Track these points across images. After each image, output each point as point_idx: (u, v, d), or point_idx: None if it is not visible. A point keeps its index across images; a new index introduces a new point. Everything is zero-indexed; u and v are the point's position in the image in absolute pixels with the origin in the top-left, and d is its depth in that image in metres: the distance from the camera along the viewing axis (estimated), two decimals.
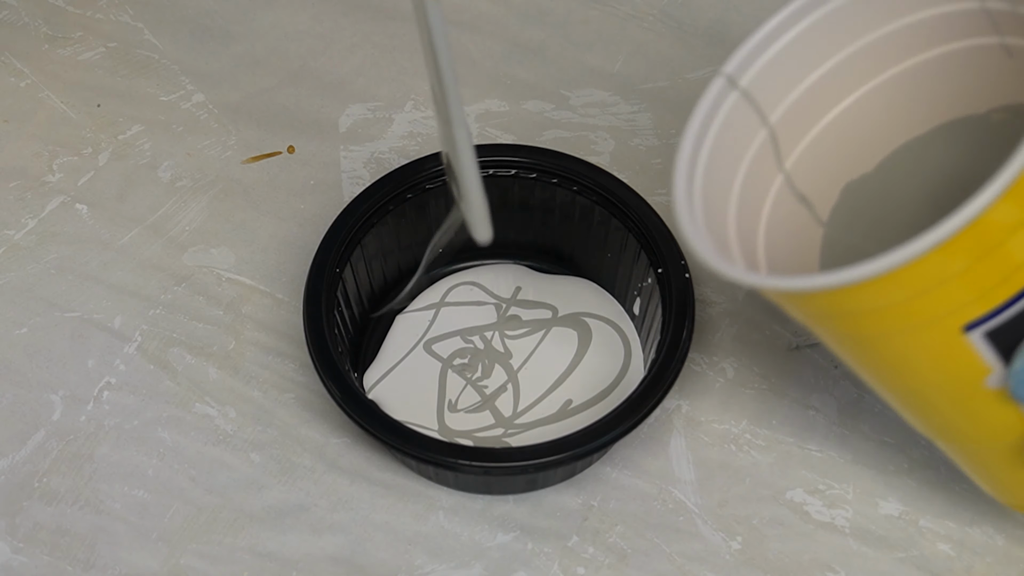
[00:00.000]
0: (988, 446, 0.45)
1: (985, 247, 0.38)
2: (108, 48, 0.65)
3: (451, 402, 0.54)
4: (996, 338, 0.40)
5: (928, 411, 0.45)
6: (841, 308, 0.41)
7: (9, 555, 0.51)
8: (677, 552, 0.51)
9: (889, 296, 0.39)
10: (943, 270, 0.38)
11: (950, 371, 0.42)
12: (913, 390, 0.44)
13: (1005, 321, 0.40)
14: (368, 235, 0.54)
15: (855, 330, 0.42)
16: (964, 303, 0.39)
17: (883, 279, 0.38)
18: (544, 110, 0.63)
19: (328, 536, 0.52)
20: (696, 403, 0.55)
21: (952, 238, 0.37)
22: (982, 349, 0.40)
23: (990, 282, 0.39)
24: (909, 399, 0.45)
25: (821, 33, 0.46)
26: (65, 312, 0.57)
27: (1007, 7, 0.43)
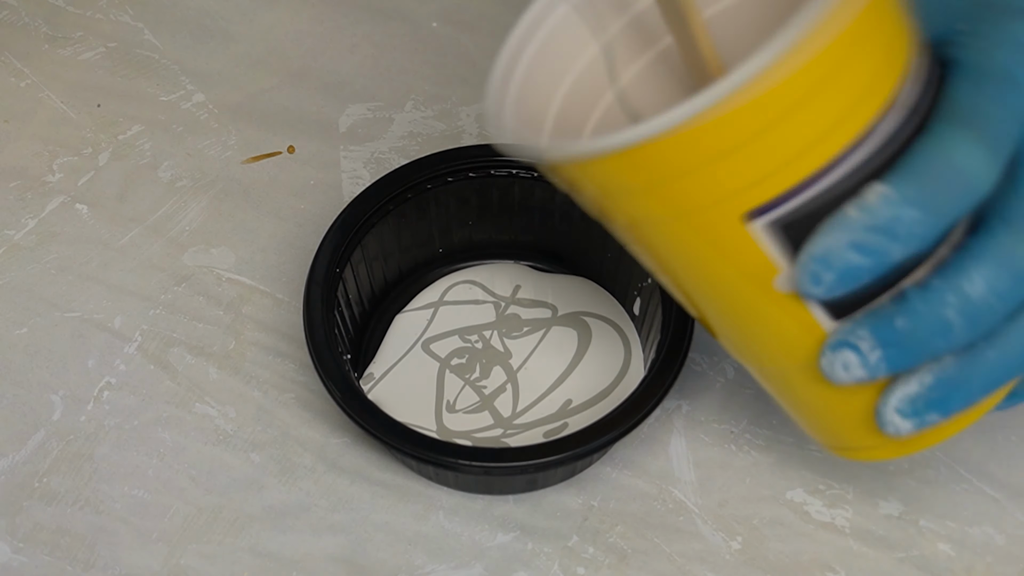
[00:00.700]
0: (788, 363, 0.42)
1: (763, 121, 0.36)
2: (108, 48, 0.65)
3: (449, 402, 0.54)
4: (785, 231, 0.38)
5: (722, 322, 0.42)
6: (606, 183, 0.38)
7: (9, 555, 0.51)
8: (677, 552, 0.51)
9: (652, 172, 0.37)
10: (713, 144, 0.36)
11: (732, 269, 0.39)
12: (701, 292, 0.41)
13: (793, 210, 0.38)
14: (368, 235, 0.54)
15: (624, 211, 0.39)
16: (743, 187, 0.37)
17: (643, 150, 0.36)
18: None
19: (328, 536, 0.52)
20: (696, 403, 0.55)
21: (720, 104, 0.35)
22: (768, 243, 0.38)
23: (771, 165, 0.37)
24: (703, 310, 0.42)
25: None
26: (65, 312, 0.57)
27: None
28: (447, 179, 0.55)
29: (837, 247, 0.38)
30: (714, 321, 0.43)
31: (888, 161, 0.38)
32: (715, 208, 0.38)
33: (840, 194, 0.38)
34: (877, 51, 0.38)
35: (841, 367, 0.41)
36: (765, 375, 0.45)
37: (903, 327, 0.40)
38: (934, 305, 0.40)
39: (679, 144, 0.36)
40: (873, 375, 0.41)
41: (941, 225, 0.39)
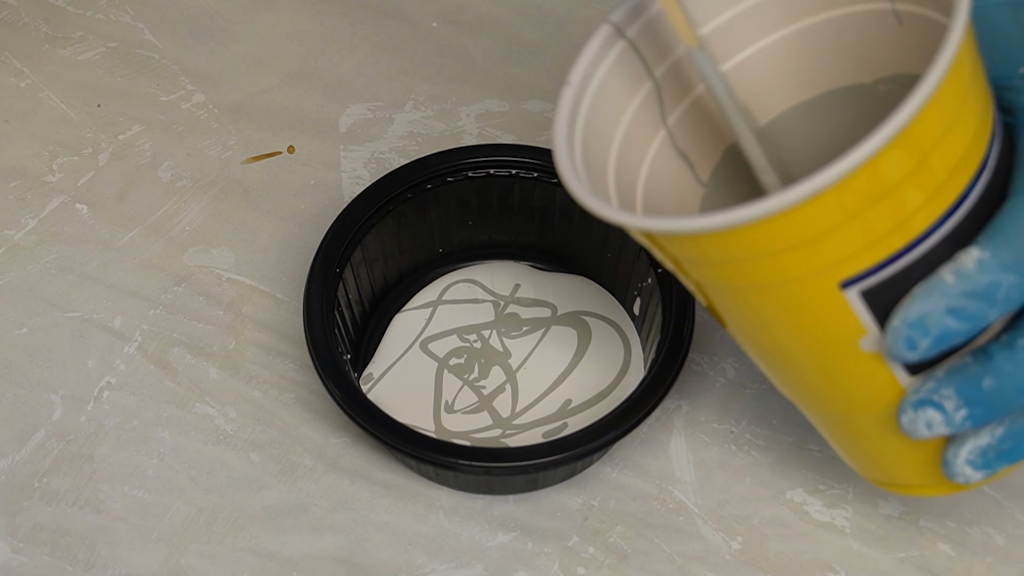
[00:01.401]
0: (860, 414, 0.43)
1: (865, 201, 0.37)
2: (108, 48, 0.65)
3: (448, 403, 0.54)
4: (873, 297, 0.39)
5: (798, 373, 0.43)
6: (712, 256, 0.39)
7: (9, 555, 0.51)
8: (677, 552, 0.51)
9: (762, 246, 0.38)
10: (820, 222, 0.37)
11: (823, 330, 0.40)
12: (783, 349, 0.42)
13: (883, 280, 0.39)
14: (368, 235, 0.54)
15: (725, 280, 0.40)
16: (841, 259, 0.38)
17: (758, 226, 0.37)
18: (544, 110, 0.63)
19: (328, 536, 0.52)
20: (696, 403, 0.55)
21: (832, 188, 0.36)
22: (858, 308, 0.39)
23: (868, 238, 0.38)
24: (778, 360, 0.43)
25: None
26: (65, 312, 0.57)
27: None
28: (447, 179, 0.55)
29: (934, 313, 0.39)
30: (782, 371, 0.44)
31: (977, 223, 0.39)
32: (811, 278, 0.39)
33: (933, 259, 0.39)
34: (972, 119, 0.39)
35: (924, 425, 0.41)
36: (826, 420, 0.46)
37: (990, 387, 0.40)
38: (1021, 365, 0.40)
39: (787, 223, 0.37)
40: (956, 432, 0.42)
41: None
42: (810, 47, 0.46)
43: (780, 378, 0.45)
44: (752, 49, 0.47)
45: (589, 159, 0.44)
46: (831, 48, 0.46)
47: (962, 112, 0.38)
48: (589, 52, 0.45)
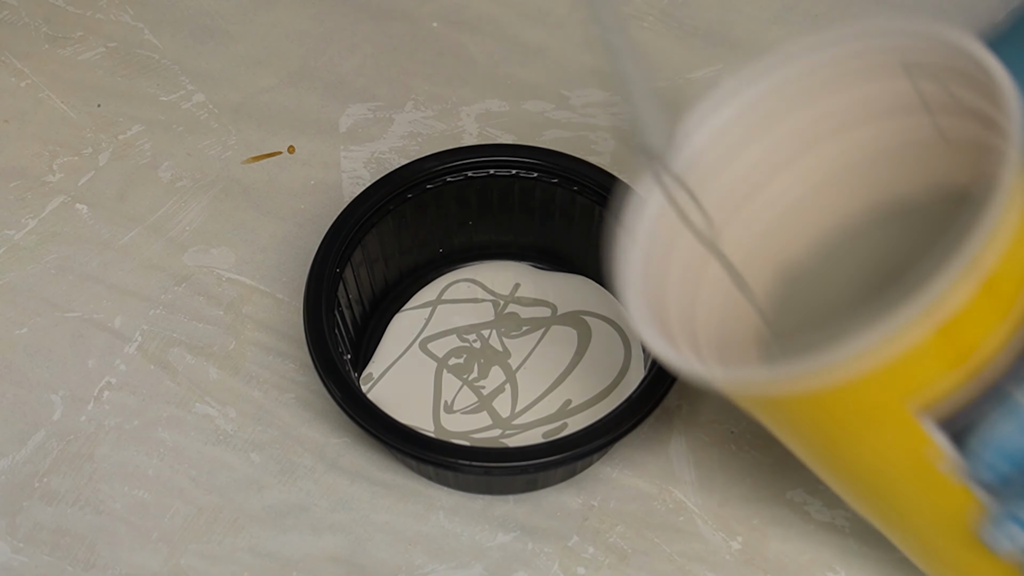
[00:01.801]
0: (940, 531, 0.44)
1: (940, 332, 0.37)
2: (108, 48, 0.65)
3: (447, 403, 0.54)
4: (949, 423, 0.40)
5: (875, 497, 0.44)
6: (791, 397, 0.40)
7: (9, 555, 0.51)
8: (677, 552, 0.51)
9: (841, 382, 0.39)
10: (897, 358, 0.38)
11: (901, 456, 0.41)
12: (859, 475, 0.43)
13: (958, 406, 0.39)
14: (368, 235, 0.54)
15: (803, 419, 0.41)
16: (917, 388, 0.39)
17: (838, 367, 0.38)
18: (544, 110, 0.63)
19: (328, 536, 0.52)
20: (696, 403, 0.55)
21: (908, 327, 0.37)
22: (935, 434, 0.40)
23: (943, 368, 0.39)
24: (854, 484, 0.44)
25: (750, 115, 0.46)
26: (65, 312, 0.57)
27: (938, 88, 0.43)
28: (447, 179, 0.55)
29: (1012, 436, 0.40)
30: (859, 495, 0.45)
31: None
32: (887, 408, 0.40)
33: (1008, 382, 0.39)
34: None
35: (1007, 540, 0.42)
36: (907, 539, 0.46)
37: None
38: None
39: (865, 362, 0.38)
40: None
41: None
42: (855, 167, 0.47)
43: (857, 501, 0.45)
44: (797, 171, 0.47)
45: (651, 301, 0.44)
46: (876, 167, 0.46)
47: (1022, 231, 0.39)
48: (639, 193, 0.45)
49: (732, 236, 0.47)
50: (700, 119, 0.46)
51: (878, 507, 0.45)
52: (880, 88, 0.44)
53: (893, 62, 0.43)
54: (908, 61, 0.43)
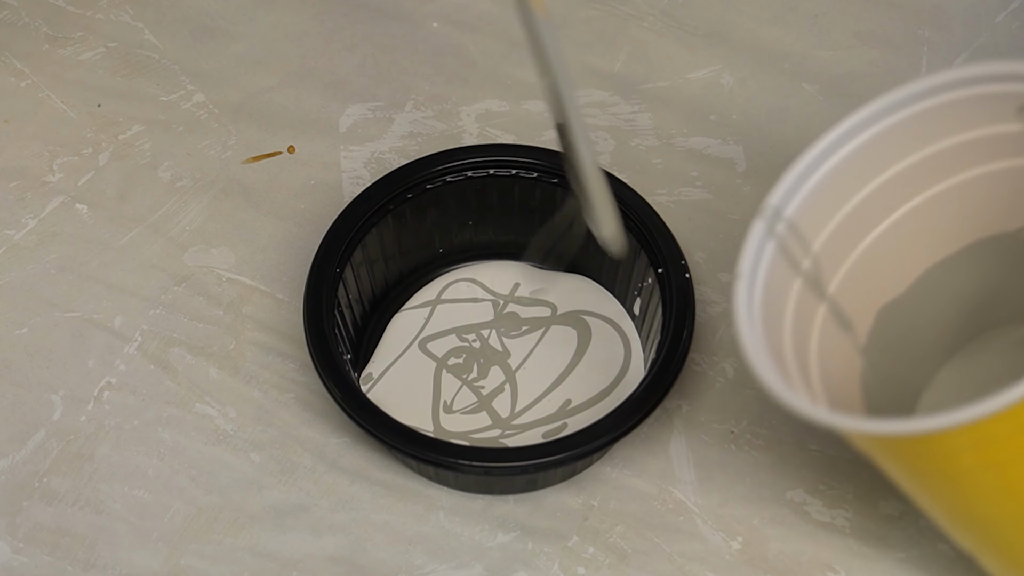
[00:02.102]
0: None
1: None
2: (108, 48, 0.65)
3: (446, 403, 0.54)
4: None
5: (995, 537, 0.44)
6: (937, 448, 0.40)
7: (9, 555, 0.51)
8: (677, 552, 0.51)
9: (982, 436, 0.39)
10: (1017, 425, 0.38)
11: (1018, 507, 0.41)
12: (983, 520, 0.43)
13: None
14: (368, 235, 0.54)
15: (945, 467, 0.41)
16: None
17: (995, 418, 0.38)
18: (544, 110, 0.63)
19: (328, 536, 0.52)
20: (696, 403, 0.55)
21: None
22: None
23: None
24: (975, 527, 0.44)
25: (862, 158, 0.46)
26: (65, 312, 0.57)
27: None
28: (447, 179, 0.55)
29: None
30: (973, 537, 0.45)
31: None
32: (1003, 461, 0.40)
33: None
34: None
35: None
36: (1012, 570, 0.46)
37: None
38: None
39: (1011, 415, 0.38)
40: None
41: None
42: (956, 203, 0.47)
43: (972, 541, 0.45)
44: (902, 210, 0.48)
45: (770, 350, 0.44)
46: (976, 202, 0.47)
47: None
48: (754, 240, 0.45)
49: (838, 278, 0.48)
50: (813, 163, 0.46)
51: (993, 550, 0.45)
52: (992, 130, 0.45)
53: (1007, 105, 0.44)
54: (1023, 104, 0.43)
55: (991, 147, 0.45)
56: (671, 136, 0.62)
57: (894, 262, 0.48)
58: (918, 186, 0.47)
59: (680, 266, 0.53)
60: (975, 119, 0.45)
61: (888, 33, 0.64)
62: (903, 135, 0.46)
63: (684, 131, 0.62)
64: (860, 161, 0.46)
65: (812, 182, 0.46)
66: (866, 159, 0.46)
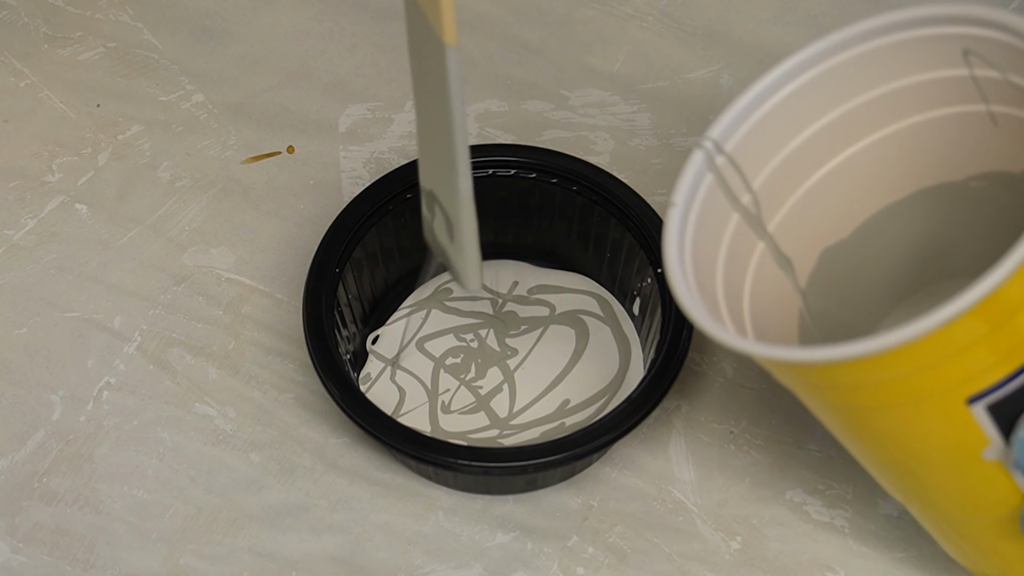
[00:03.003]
0: (978, 518, 0.44)
1: (993, 323, 0.38)
2: (108, 48, 0.65)
3: (444, 403, 0.54)
4: (997, 410, 0.40)
5: (917, 482, 0.44)
6: (838, 381, 0.40)
7: (9, 555, 0.51)
8: (677, 552, 0.51)
9: (892, 371, 0.39)
10: (951, 345, 0.38)
11: (948, 443, 0.41)
12: (903, 461, 0.43)
13: (1008, 394, 0.39)
14: (368, 235, 0.54)
15: (849, 402, 0.41)
16: (969, 376, 0.39)
17: (889, 354, 0.38)
18: (544, 110, 0.63)
19: (328, 536, 0.52)
20: (696, 403, 0.55)
21: (965, 314, 0.37)
22: (983, 421, 0.40)
23: (996, 356, 0.39)
24: (897, 470, 0.44)
25: (806, 97, 0.46)
26: (65, 312, 0.57)
27: (997, 75, 0.43)
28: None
29: None
30: (902, 480, 0.45)
31: None
32: (938, 396, 0.40)
33: None
34: None
35: None
36: (943, 523, 0.46)
37: None
38: None
39: (919, 348, 0.38)
40: None
41: None
42: (903, 149, 0.47)
43: (898, 486, 0.45)
44: (847, 152, 0.47)
45: (700, 279, 0.44)
46: (923, 149, 0.46)
47: None
48: (690, 171, 0.45)
49: (779, 217, 0.47)
50: (755, 100, 0.45)
51: (913, 489, 0.45)
52: (937, 74, 0.44)
53: (953, 49, 0.43)
54: (968, 48, 0.43)
55: (938, 92, 0.45)
56: (671, 136, 0.62)
57: (838, 205, 0.48)
58: (863, 129, 0.47)
59: None
60: (921, 62, 0.44)
61: None
62: (848, 76, 0.45)
63: (684, 131, 0.62)
64: (803, 100, 0.46)
65: (754, 119, 0.46)
66: (810, 99, 0.46)
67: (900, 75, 0.45)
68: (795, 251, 0.48)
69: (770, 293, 0.47)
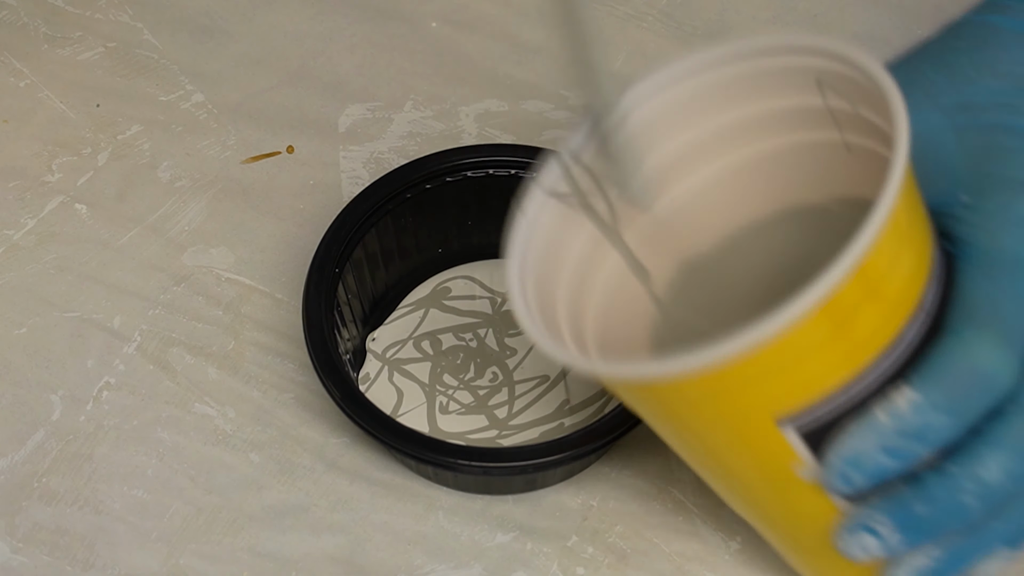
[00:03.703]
0: (799, 532, 0.45)
1: (797, 352, 0.38)
2: (108, 48, 0.65)
3: (442, 404, 0.54)
4: (808, 433, 0.40)
5: (740, 493, 0.45)
6: (655, 395, 0.41)
7: (8, 555, 0.51)
8: (676, 552, 0.51)
9: (700, 389, 0.39)
10: (757, 369, 0.38)
11: (763, 459, 0.42)
12: (726, 471, 0.44)
13: (818, 418, 0.40)
14: (368, 235, 0.54)
15: (669, 409, 0.42)
16: (777, 398, 0.39)
17: (695, 373, 0.38)
18: (544, 110, 0.63)
19: (328, 536, 0.52)
20: None
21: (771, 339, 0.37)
22: (794, 442, 0.40)
23: (806, 380, 0.39)
24: (722, 479, 0.45)
25: (668, 113, 0.46)
26: (65, 312, 0.57)
27: (848, 107, 0.43)
28: (446, 179, 0.55)
29: (867, 451, 0.40)
30: (725, 490, 0.46)
31: (911, 359, 0.40)
32: (748, 415, 0.40)
33: (866, 396, 0.40)
34: (911, 258, 0.40)
35: (859, 548, 0.42)
36: (771, 535, 0.47)
37: (922, 512, 0.41)
38: (951, 491, 0.41)
39: (722, 371, 0.38)
40: (892, 554, 0.42)
41: (966, 425, 0.40)
42: (764, 170, 0.47)
43: (724, 495, 0.46)
44: (707, 170, 0.47)
45: (540, 294, 0.44)
46: (785, 171, 0.47)
47: (902, 249, 0.39)
48: (545, 180, 0.45)
49: (637, 227, 0.47)
50: (618, 113, 0.45)
51: (744, 504, 0.46)
52: (795, 101, 0.45)
53: (808, 78, 0.44)
54: (820, 78, 0.43)
55: (797, 118, 0.45)
56: None
57: (699, 219, 0.48)
58: (726, 148, 0.47)
59: None
60: (780, 89, 0.45)
61: (886, 33, 0.64)
62: (707, 98, 0.45)
63: None
64: (665, 116, 0.46)
65: (615, 131, 0.45)
66: (672, 115, 0.46)
67: (761, 99, 0.45)
68: (653, 262, 0.48)
69: (622, 307, 0.47)
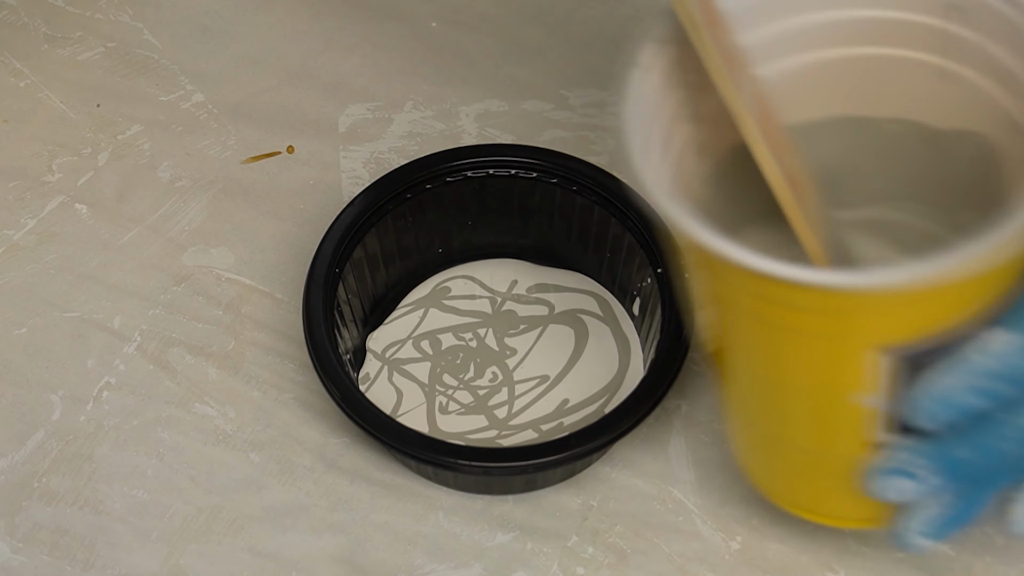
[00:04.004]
0: (826, 456, 0.44)
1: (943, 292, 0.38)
2: (108, 48, 0.65)
3: (442, 404, 0.54)
4: (904, 364, 0.40)
5: (780, 408, 0.44)
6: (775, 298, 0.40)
7: (8, 555, 0.51)
8: (677, 552, 0.51)
9: (825, 305, 0.38)
10: (890, 302, 0.38)
11: (837, 382, 0.41)
12: (781, 384, 0.43)
13: (918, 352, 0.39)
14: (368, 235, 0.54)
15: (763, 315, 0.40)
16: (888, 330, 0.39)
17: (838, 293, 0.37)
18: (544, 110, 0.63)
19: (328, 536, 0.52)
20: (696, 403, 0.55)
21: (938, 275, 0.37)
22: (885, 371, 0.40)
23: (922, 319, 0.39)
24: (766, 391, 0.44)
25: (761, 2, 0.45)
26: (65, 312, 0.57)
27: (971, 35, 0.43)
28: (446, 179, 0.55)
29: (958, 389, 0.40)
30: (764, 401, 0.45)
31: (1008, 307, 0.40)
32: (851, 339, 0.39)
33: (963, 337, 0.39)
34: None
35: (894, 491, 0.42)
36: (778, 449, 0.46)
37: (965, 458, 0.41)
38: (996, 438, 0.41)
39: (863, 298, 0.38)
40: (923, 498, 0.42)
41: None
42: (839, 74, 0.46)
43: (755, 405, 0.45)
44: (787, 62, 0.46)
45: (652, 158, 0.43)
46: (859, 80, 0.46)
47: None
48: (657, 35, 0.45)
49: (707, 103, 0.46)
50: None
51: (777, 418, 0.45)
52: (911, 17, 0.44)
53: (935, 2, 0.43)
54: (952, 2, 0.42)
55: (902, 32, 0.44)
56: None
57: None
58: (810, 45, 0.46)
59: (679, 266, 0.52)
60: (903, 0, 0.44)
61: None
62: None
63: None
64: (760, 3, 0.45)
65: None
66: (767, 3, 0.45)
67: (875, 5, 0.44)
68: (709, 140, 0.47)
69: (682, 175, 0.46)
